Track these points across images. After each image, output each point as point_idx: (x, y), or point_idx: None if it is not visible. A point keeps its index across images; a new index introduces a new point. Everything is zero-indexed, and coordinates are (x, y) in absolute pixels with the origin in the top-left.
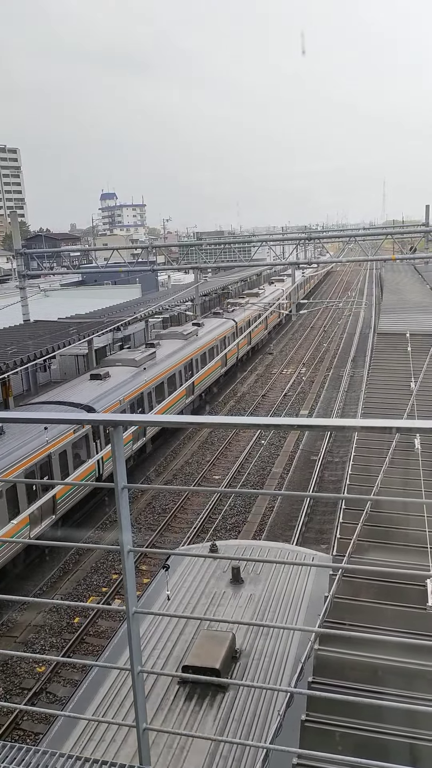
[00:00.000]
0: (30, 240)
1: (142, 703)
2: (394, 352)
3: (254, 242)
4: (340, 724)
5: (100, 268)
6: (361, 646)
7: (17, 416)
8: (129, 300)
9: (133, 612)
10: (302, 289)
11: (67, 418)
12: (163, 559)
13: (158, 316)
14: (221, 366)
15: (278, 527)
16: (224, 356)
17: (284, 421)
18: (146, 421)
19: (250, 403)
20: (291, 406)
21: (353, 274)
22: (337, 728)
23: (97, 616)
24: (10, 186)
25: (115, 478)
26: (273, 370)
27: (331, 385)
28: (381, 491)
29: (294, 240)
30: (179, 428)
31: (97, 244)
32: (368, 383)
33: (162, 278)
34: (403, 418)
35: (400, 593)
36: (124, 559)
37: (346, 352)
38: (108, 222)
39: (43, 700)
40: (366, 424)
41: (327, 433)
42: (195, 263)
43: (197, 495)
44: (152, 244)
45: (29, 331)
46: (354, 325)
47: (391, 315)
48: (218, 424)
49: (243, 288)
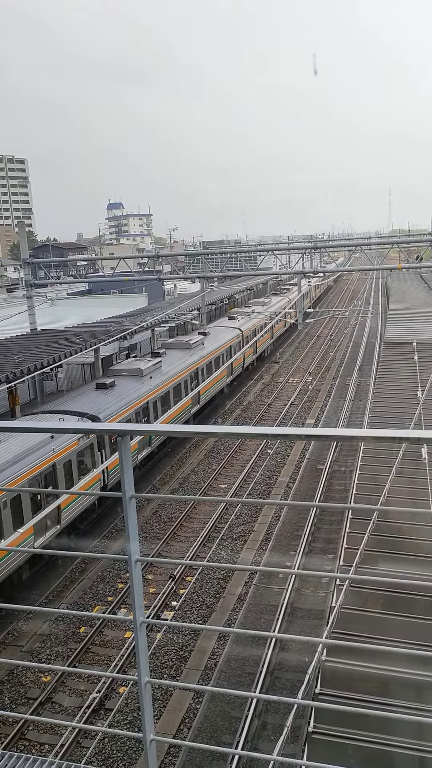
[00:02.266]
0: (37, 249)
1: (150, 714)
2: (400, 361)
3: (260, 251)
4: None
5: (106, 277)
6: (369, 658)
7: (24, 426)
8: (135, 309)
9: (141, 622)
10: (308, 298)
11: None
12: (171, 569)
13: (164, 324)
14: (227, 375)
15: (285, 537)
16: (230, 365)
17: (290, 431)
18: (153, 430)
19: (256, 412)
20: (297, 415)
21: (359, 282)
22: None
23: (103, 626)
24: (18, 196)
25: (122, 487)
26: (279, 378)
27: (337, 394)
28: (388, 501)
29: (300, 249)
30: (185, 438)
31: (104, 254)
32: (375, 392)
33: (168, 287)
34: (410, 428)
35: (408, 604)
36: (132, 569)
37: (352, 361)
38: (115, 231)
39: (48, 709)
40: (373, 434)
41: (334, 443)
42: (201, 272)
43: (204, 504)
44: (159, 253)
45: (36, 340)
46: (360, 334)
47: (397, 324)
48: (224, 434)
49: (249, 297)
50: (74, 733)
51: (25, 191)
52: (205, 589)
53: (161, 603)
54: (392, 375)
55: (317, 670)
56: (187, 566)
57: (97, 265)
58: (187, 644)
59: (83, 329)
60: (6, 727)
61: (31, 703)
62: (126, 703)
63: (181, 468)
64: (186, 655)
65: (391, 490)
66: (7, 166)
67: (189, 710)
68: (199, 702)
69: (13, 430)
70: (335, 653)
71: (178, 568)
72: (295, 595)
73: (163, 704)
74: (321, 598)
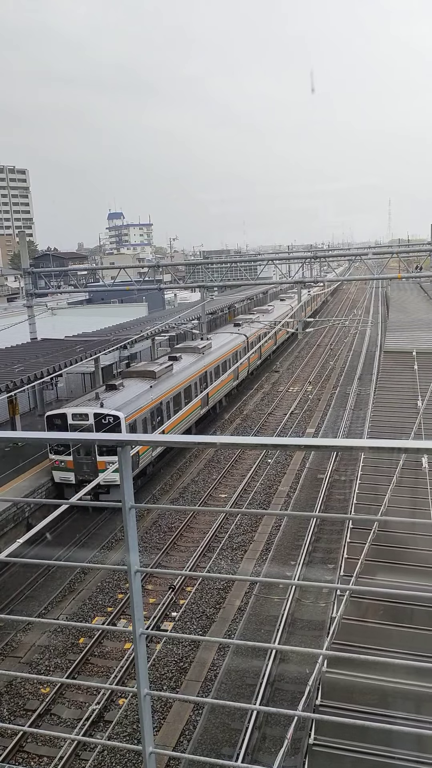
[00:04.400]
0: (38, 259)
1: (149, 726)
2: (400, 371)
3: (260, 261)
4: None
5: (107, 286)
6: (370, 669)
7: (26, 436)
8: (135, 318)
9: (140, 633)
10: (309, 306)
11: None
12: (171, 579)
13: (164, 334)
14: (233, 379)
15: (285, 547)
16: (236, 369)
17: (290, 441)
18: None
19: (256, 421)
20: (297, 424)
21: (359, 292)
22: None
23: (103, 637)
24: (18, 206)
25: (122, 497)
26: (279, 388)
27: (337, 403)
28: (388, 511)
29: (300, 259)
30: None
31: (104, 263)
32: (375, 402)
33: (168, 297)
34: (410, 437)
35: (409, 615)
36: (131, 580)
37: (352, 370)
38: (115, 241)
39: (47, 721)
40: (373, 445)
41: (334, 453)
42: (201, 282)
43: (204, 514)
44: (159, 262)
45: (36, 349)
46: (360, 343)
47: (397, 333)
48: (224, 444)
49: (250, 306)
50: (73, 745)
51: (26, 201)
52: (205, 599)
53: (161, 613)
54: (392, 384)
55: (318, 682)
56: (187, 577)
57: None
58: (187, 655)
59: (83, 338)
60: (4, 739)
61: (29, 715)
62: (125, 715)
63: (181, 477)
64: (186, 666)
65: (392, 500)
66: (8, 177)
67: (189, 722)
68: (199, 714)
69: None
70: (336, 665)
71: (178, 579)
72: (295, 606)
73: (162, 716)
74: (321, 608)
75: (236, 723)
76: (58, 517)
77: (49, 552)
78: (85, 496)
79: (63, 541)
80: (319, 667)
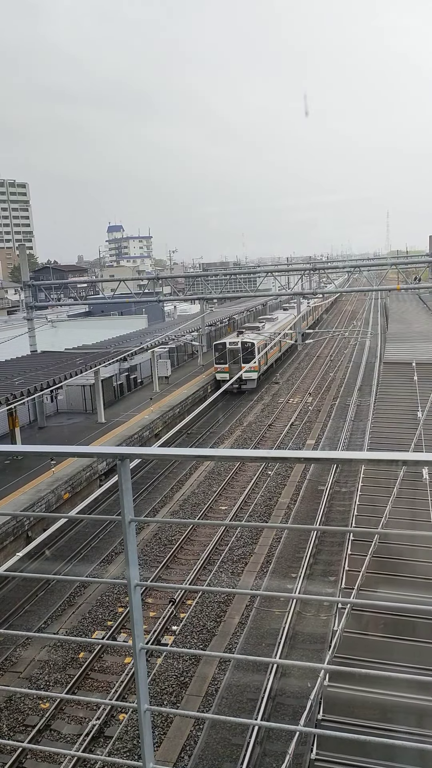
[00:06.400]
0: (38, 272)
1: (149, 742)
2: (400, 382)
3: (259, 273)
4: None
5: (106, 299)
6: (372, 683)
7: (25, 449)
8: (135, 330)
9: (140, 648)
10: (311, 316)
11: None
12: (171, 593)
13: (164, 346)
14: (277, 351)
15: (285, 559)
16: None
17: (290, 453)
18: (151, 453)
19: (256, 433)
20: (297, 435)
21: (358, 303)
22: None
23: (103, 651)
24: (19, 219)
25: (122, 511)
26: (279, 399)
27: (337, 414)
28: (389, 523)
29: (299, 270)
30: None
31: (104, 276)
32: (375, 413)
33: (168, 309)
34: (410, 449)
35: (411, 628)
36: (131, 594)
37: (352, 381)
38: (115, 254)
39: (47, 737)
40: (372, 457)
41: (334, 465)
42: (201, 294)
43: (204, 526)
44: (158, 275)
45: (36, 362)
46: (360, 354)
47: (397, 344)
48: (224, 457)
49: (248, 318)
50: (73, 761)
51: (26, 214)
52: (205, 613)
53: (161, 627)
54: (392, 395)
55: (320, 696)
56: (188, 590)
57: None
58: (188, 670)
59: (83, 351)
60: (4, 755)
61: (29, 731)
62: (126, 731)
63: (181, 489)
64: (186, 681)
65: (393, 512)
66: (8, 190)
67: (189, 737)
68: (200, 729)
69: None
70: (338, 679)
71: (178, 592)
72: (296, 619)
73: (163, 731)
74: (323, 621)
75: (237, 738)
76: (59, 530)
77: (49, 566)
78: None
79: (63, 554)
80: (321, 681)
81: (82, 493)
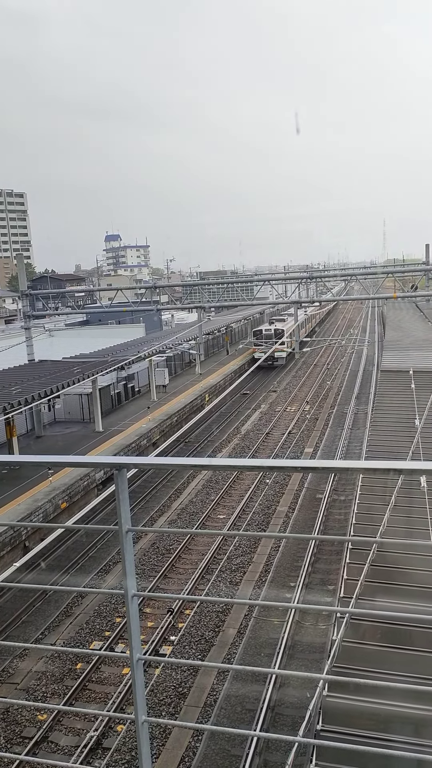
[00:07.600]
0: (35, 281)
1: (147, 754)
2: (397, 390)
3: (257, 282)
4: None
5: (104, 308)
6: (372, 693)
7: (22, 460)
8: (133, 339)
9: (138, 659)
10: (309, 323)
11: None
12: (169, 603)
13: (162, 354)
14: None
15: (284, 568)
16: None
17: (287, 463)
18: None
19: (254, 441)
20: (295, 444)
21: (355, 311)
22: None
23: (100, 662)
24: (16, 229)
25: (119, 521)
26: (277, 407)
27: (335, 422)
28: (387, 532)
29: (296, 279)
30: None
31: (102, 285)
32: (372, 421)
33: (165, 317)
34: (408, 457)
35: (408, 638)
36: (129, 605)
37: (349, 389)
38: (112, 263)
39: (44, 749)
40: (369, 466)
41: (331, 474)
42: (198, 302)
43: (202, 535)
44: (156, 284)
45: (34, 371)
46: (357, 363)
47: (394, 352)
48: (222, 466)
49: (246, 326)
50: None
51: (23, 224)
52: (203, 622)
53: (159, 638)
54: (389, 403)
55: (319, 707)
56: (186, 600)
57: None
58: (186, 680)
59: (81, 360)
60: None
61: (26, 743)
62: (124, 742)
63: (178, 498)
64: (185, 691)
65: (391, 521)
66: (6, 200)
67: (188, 748)
68: (199, 740)
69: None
70: (337, 689)
71: (176, 602)
72: (295, 629)
73: (161, 742)
74: (321, 631)
75: (236, 749)
76: (56, 540)
77: (46, 576)
78: (83, 518)
79: (60, 564)
80: (320, 691)
81: (80, 503)
